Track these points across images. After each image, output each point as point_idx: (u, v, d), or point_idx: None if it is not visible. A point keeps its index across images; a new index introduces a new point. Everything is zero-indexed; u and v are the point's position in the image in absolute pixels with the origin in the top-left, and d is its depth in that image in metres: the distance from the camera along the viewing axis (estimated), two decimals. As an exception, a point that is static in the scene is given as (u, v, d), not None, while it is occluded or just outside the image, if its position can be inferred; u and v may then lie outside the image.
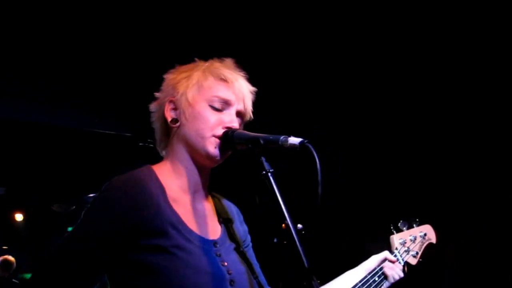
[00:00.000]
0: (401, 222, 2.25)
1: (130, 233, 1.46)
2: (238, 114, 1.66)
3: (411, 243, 2.24)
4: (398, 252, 2.18)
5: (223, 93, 1.63)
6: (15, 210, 10.09)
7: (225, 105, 1.63)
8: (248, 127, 1.71)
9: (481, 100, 4.81)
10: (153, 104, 1.70)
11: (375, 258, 2.08)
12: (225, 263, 1.58)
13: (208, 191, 1.74)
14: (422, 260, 2.24)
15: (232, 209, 1.83)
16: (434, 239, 2.35)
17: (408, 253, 2.21)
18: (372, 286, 1.98)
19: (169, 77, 1.69)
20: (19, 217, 10.17)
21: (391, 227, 2.22)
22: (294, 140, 1.41)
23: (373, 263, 2.05)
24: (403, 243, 2.21)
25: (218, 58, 1.73)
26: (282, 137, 1.44)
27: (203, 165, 1.64)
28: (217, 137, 1.58)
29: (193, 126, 1.60)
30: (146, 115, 1.73)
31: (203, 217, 1.66)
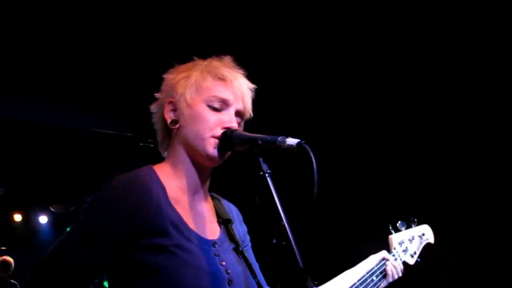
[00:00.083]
0: (399, 222, 2.26)
1: (130, 232, 1.46)
2: (238, 113, 1.65)
3: (409, 243, 2.25)
4: (396, 251, 2.19)
5: (221, 93, 1.61)
6: (14, 210, 10.08)
7: (224, 105, 1.62)
8: (248, 127, 1.71)
9: (480, 100, 4.81)
10: (153, 105, 1.70)
11: (373, 257, 2.09)
12: (224, 262, 1.58)
13: (208, 192, 1.74)
14: (420, 260, 2.25)
15: (232, 209, 1.83)
16: (432, 239, 2.36)
17: (406, 252, 2.22)
18: (370, 285, 1.99)
19: (168, 77, 1.69)
20: (17, 217, 10.16)
21: (389, 227, 2.23)
22: (292, 141, 1.41)
23: (371, 263, 2.06)
24: (401, 243, 2.22)
25: (217, 56, 1.71)
26: (280, 138, 1.44)
27: (203, 165, 1.64)
28: (216, 137, 1.57)
29: (192, 127, 1.60)
30: (147, 115, 1.73)
31: (203, 218, 1.66)
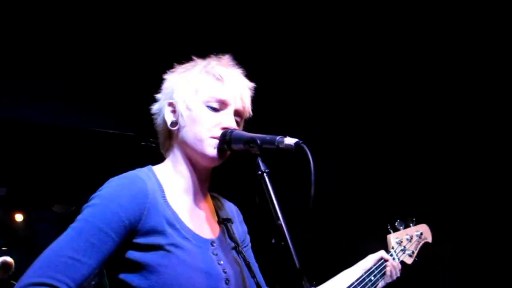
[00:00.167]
0: (398, 221, 2.27)
1: (127, 231, 1.46)
2: (237, 113, 1.65)
3: (407, 242, 2.26)
4: (394, 251, 2.20)
5: (219, 94, 1.62)
6: (15, 211, 10.07)
7: (222, 105, 1.62)
8: (248, 127, 1.71)
9: (479, 100, 4.81)
10: (154, 107, 1.70)
11: (371, 257, 2.10)
12: (221, 262, 1.59)
13: (208, 192, 1.75)
14: (417, 259, 2.26)
15: (232, 209, 1.84)
16: (430, 238, 2.37)
17: (404, 252, 2.23)
18: (368, 285, 2.00)
19: (167, 78, 1.69)
20: (19, 217, 10.15)
21: (388, 227, 2.24)
22: (290, 141, 1.41)
23: (369, 263, 2.07)
24: (399, 242, 2.23)
25: (216, 55, 1.71)
26: (279, 137, 1.44)
27: (203, 166, 1.64)
28: (215, 138, 1.58)
29: (191, 128, 1.60)
30: (148, 114, 1.73)
31: (202, 217, 1.66)
